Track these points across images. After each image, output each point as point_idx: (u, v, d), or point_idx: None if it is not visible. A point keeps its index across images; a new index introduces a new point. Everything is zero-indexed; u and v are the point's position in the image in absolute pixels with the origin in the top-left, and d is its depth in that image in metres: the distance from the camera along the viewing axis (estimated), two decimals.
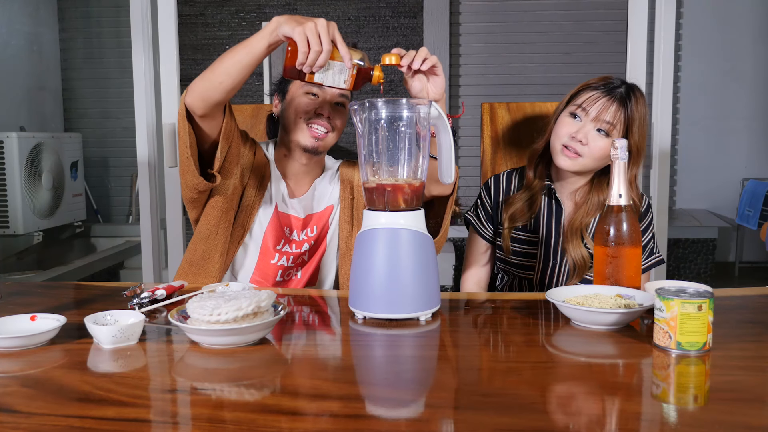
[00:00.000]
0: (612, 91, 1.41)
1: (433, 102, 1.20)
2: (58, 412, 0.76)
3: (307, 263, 1.60)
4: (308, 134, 1.52)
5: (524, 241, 1.53)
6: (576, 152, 1.41)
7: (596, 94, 1.41)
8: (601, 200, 1.44)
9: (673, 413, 0.76)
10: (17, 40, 4.11)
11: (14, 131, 3.60)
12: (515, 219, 1.52)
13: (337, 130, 1.56)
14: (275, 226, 1.55)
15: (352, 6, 4.38)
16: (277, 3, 4.41)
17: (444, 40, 4.33)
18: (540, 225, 1.52)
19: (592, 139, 1.40)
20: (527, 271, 1.54)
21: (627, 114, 1.40)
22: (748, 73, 4.53)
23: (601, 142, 1.40)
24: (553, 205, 1.51)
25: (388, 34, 4.39)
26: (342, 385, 0.86)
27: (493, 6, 4.40)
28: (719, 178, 4.60)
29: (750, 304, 1.24)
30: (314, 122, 1.52)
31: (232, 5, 4.43)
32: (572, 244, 1.45)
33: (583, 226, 1.46)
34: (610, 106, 1.40)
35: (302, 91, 1.53)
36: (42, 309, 1.13)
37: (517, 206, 1.51)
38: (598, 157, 1.42)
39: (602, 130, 1.40)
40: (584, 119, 1.41)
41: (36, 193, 3.68)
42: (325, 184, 1.63)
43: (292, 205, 1.58)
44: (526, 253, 1.54)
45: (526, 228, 1.53)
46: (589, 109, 1.41)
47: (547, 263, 1.51)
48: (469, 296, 1.41)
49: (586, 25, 4.35)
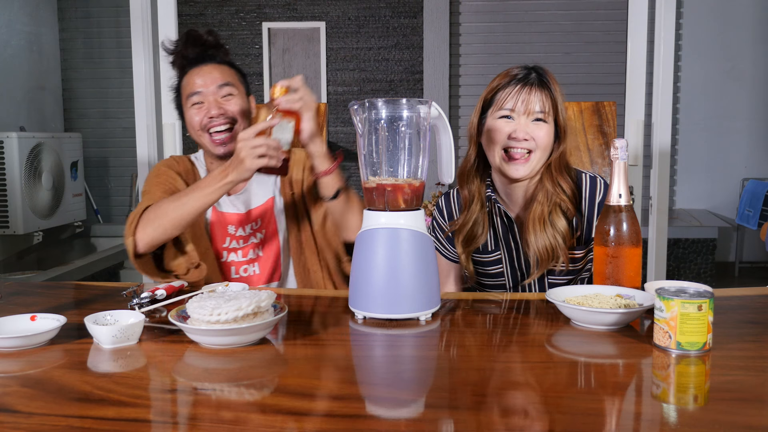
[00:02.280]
0: (526, 79, 1.35)
1: (433, 102, 1.20)
2: (58, 412, 0.76)
3: (263, 257, 1.59)
4: (212, 144, 1.53)
5: (487, 263, 1.47)
6: (525, 151, 1.34)
7: (514, 90, 1.35)
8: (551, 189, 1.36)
9: (673, 413, 0.76)
10: (17, 40, 4.11)
11: (14, 131, 3.60)
12: (469, 243, 1.44)
13: (239, 119, 1.54)
14: (217, 227, 1.56)
15: (352, 6, 4.38)
16: (277, 3, 4.41)
17: (444, 40, 4.33)
18: (498, 241, 1.44)
19: (532, 130, 1.34)
20: (499, 289, 1.50)
21: (551, 95, 1.35)
22: (748, 73, 4.53)
23: (542, 131, 1.34)
24: (504, 219, 1.43)
25: (388, 34, 4.39)
26: (342, 385, 0.86)
27: (493, 6, 4.40)
28: (719, 178, 4.60)
29: (750, 304, 1.24)
30: (211, 128, 1.52)
31: (232, 5, 4.43)
32: (534, 234, 1.34)
33: (544, 215, 1.35)
34: (533, 94, 1.34)
35: (189, 105, 1.54)
36: (42, 309, 1.13)
37: (466, 231, 1.43)
38: (545, 147, 1.35)
39: (539, 119, 1.34)
40: (517, 117, 1.35)
41: (36, 193, 3.69)
42: (262, 178, 1.61)
43: (230, 203, 1.58)
44: (493, 274, 1.47)
45: (486, 249, 1.45)
46: (516, 105, 1.34)
47: (515, 277, 1.45)
48: (469, 296, 1.41)
49: (586, 25, 4.35)
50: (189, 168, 1.63)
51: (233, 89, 1.55)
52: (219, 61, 1.57)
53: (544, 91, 1.35)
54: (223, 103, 1.53)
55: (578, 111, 1.81)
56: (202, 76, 1.53)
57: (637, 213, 1.27)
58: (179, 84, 1.59)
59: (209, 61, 1.56)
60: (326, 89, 4.42)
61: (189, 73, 1.56)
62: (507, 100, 1.35)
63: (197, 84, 1.53)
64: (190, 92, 1.53)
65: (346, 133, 4.46)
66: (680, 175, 4.61)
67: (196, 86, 1.53)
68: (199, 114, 1.52)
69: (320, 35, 4.38)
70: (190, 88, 1.54)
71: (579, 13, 4.35)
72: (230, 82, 1.54)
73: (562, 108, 1.37)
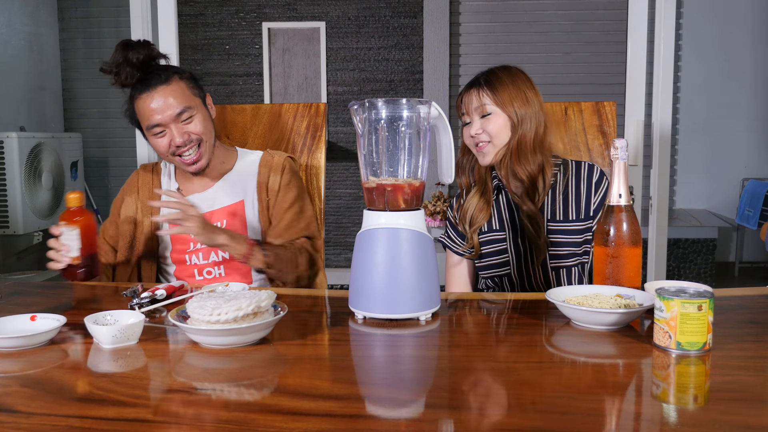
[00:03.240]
0: (472, 84, 1.54)
1: (433, 102, 1.20)
2: (58, 412, 0.76)
3: (229, 260, 1.57)
4: (185, 165, 1.55)
5: (493, 241, 1.56)
6: (482, 143, 1.52)
7: (464, 95, 1.55)
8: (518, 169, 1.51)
9: (673, 413, 0.76)
10: (17, 40, 4.11)
11: (14, 131, 3.60)
12: (474, 222, 1.57)
13: (205, 138, 1.55)
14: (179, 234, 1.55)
15: (352, 6, 4.37)
16: (277, 3, 4.41)
17: (444, 40, 4.33)
18: (504, 222, 1.56)
19: (481, 126, 1.51)
20: (505, 267, 1.56)
21: (490, 90, 1.50)
22: (748, 73, 4.53)
23: (489, 123, 1.50)
24: (510, 202, 1.56)
25: (388, 34, 4.39)
26: (342, 385, 0.86)
27: (493, 6, 4.40)
28: (719, 178, 4.60)
29: (750, 304, 1.24)
30: (179, 152, 1.53)
31: (232, 5, 4.43)
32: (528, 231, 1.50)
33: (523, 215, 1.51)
34: (472, 94, 1.53)
35: (150, 134, 1.53)
36: (42, 309, 1.13)
37: (471, 211, 1.57)
38: (496, 134, 1.50)
39: (484, 114, 1.51)
40: (470, 118, 1.54)
41: (36, 193, 3.68)
42: (233, 180, 1.62)
43: (193, 203, 1.54)
44: (498, 251, 1.56)
45: (491, 228, 1.57)
46: (465, 108, 1.55)
47: (518, 254, 1.54)
48: (469, 296, 1.41)
49: (586, 25, 4.35)
50: (148, 179, 1.66)
51: (192, 111, 1.52)
52: (166, 80, 1.51)
53: (485, 86, 1.51)
54: (185, 127, 1.52)
55: (578, 111, 1.81)
56: (157, 105, 1.49)
57: (637, 213, 1.27)
58: (132, 108, 1.55)
59: (157, 83, 1.51)
60: (326, 89, 4.42)
61: (139, 101, 1.52)
62: (461, 105, 1.57)
63: (155, 117, 1.50)
64: (149, 124, 1.51)
65: (346, 133, 4.46)
66: (680, 175, 4.61)
67: (154, 119, 1.50)
68: (164, 140, 1.52)
69: (320, 35, 4.38)
70: (148, 120, 1.51)
71: (579, 13, 4.35)
72: (187, 105, 1.51)
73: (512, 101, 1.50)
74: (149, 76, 1.52)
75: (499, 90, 1.50)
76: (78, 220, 1.38)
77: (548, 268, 1.52)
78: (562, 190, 1.53)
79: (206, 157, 1.56)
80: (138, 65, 1.51)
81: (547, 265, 1.52)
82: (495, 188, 1.58)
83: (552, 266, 1.52)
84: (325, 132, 1.89)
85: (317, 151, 1.87)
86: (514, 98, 1.50)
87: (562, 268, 1.52)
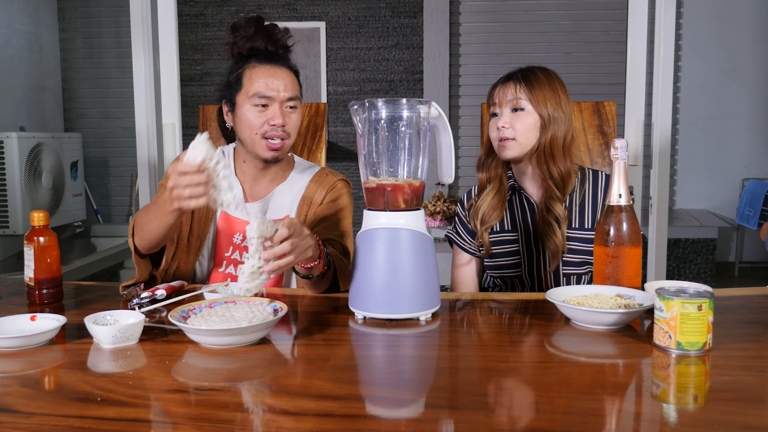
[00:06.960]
0: (509, 77, 1.54)
1: (433, 102, 1.20)
2: (58, 412, 0.76)
3: None
4: (265, 147, 1.48)
5: (505, 242, 1.55)
6: (506, 139, 1.50)
7: (498, 87, 1.54)
8: (538, 171, 1.51)
9: (673, 413, 0.76)
10: (17, 40, 4.11)
11: (14, 131, 3.60)
12: (486, 220, 1.55)
13: (293, 135, 1.52)
14: (224, 235, 1.52)
15: (352, 6, 4.37)
16: (277, 3, 4.41)
17: (444, 40, 4.33)
18: (516, 223, 1.56)
19: (512, 120, 1.49)
20: (515, 269, 1.56)
21: (527, 86, 1.49)
22: (748, 73, 4.53)
23: (518, 120, 1.49)
24: (524, 203, 1.55)
25: (388, 34, 4.39)
26: (342, 385, 0.86)
27: (493, 6, 4.40)
28: (719, 178, 4.60)
29: (750, 304, 1.24)
30: (270, 135, 1.47)
31: (232, 5, 4.43)
32: (546, 236, 1.49)
33: (550, 217, 1.49)
34: (509, 87, 1.51)
35: (250, 104, 1.47)
36: (42, 309, 1.13)
37: (484, 209, 1.56)
38: (524, 132, 1.49)
39: (516, 108, 1.50)
40: (500, 110, 1.52)
41: (36, 193, 3.68)
42: (284, 194, 1.56)
43: (248, 210, 1.53)
44: (509, 252, 1.56)
45: (503, 229, 1.56)
46: (497, 99, 1.53)
47: (531, 256, 1.53)
48: (469, 296, 1.41)
49: (586, 25, 4.35)
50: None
51: (297, 103, 1.50)
52: (289, 67, 1.51)
53: (522, 82, 1.50)
54: (287, 115, 1.48)
55: (578, 111, 1.81)
56: (274, 80, 1.46)
57: (637, 213, 1.27)
58: (239, 74, 1.50)
59: (282, 64, 1.50)
60: (326, 89, 4.42)
61: (257, 69, 1.48)
62: (492, 96, 1.55)
63: (269, 87, 1.46)
64: (257, 92, 1.46)
65: (346, 133, 4.46)
66: (680, 175, 4.61)
67: (268, 90, 1.46)
68: (261, 117, 1.46)
69: (320, 35, 4.38)
70: (259, 88, 1.46)
71: (579, 13, 4.35)
72: (297, 95, 1.50)
73: (545, 101, 1.49)
74: (276, 53, 1.52)
75: (536, 88, 1.49)
76: (35, 240, 1.28)
77: (560, 273, 1.51)
78: (580, 199, 1.52)
79: (285, 152, 1.52)
80: (271, 41, 1.53)
81: (560, 270, 1.51)
82: (510, 188, 1.57)
83: (564, 272, 1.51)
84: (325, 132, 1.89)
85: (317, 151, 1.87)
86: (548, 99, 1.49)
87: (573, 275, 1.51)
